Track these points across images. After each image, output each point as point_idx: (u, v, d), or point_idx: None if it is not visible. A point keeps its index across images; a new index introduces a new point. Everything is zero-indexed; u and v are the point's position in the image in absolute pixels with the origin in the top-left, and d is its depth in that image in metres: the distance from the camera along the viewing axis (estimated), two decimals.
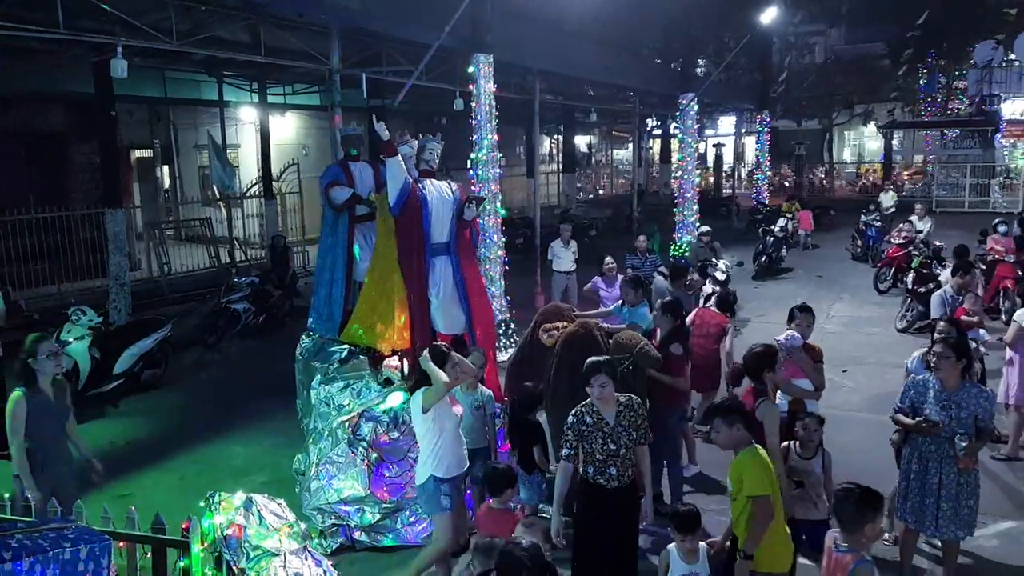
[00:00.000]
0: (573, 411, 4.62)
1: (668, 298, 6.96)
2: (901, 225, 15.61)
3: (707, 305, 8.39)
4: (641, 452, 4.65)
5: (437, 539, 5.09)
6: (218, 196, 19.44)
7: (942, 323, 5.86)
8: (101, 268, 13.47)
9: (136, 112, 18.26)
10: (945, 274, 10.35)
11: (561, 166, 30.68)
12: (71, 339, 8.61)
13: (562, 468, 4.62)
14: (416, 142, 6.52)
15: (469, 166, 11.09)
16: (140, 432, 8.38)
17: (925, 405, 4.97)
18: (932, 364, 4.97)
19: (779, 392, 5.90)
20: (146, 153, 19.85)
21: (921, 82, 32.74)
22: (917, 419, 4.94)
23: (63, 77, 14.53)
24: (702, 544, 4.41)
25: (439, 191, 6.33)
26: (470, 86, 11.17)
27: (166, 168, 21.03)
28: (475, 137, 11.19)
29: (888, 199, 20.40)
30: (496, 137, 11.39)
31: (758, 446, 4.36)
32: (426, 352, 5.06)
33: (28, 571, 2.33)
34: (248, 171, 21.30)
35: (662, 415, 6.15)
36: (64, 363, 8.36)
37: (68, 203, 14.15)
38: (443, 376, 4.85)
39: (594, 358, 4.67)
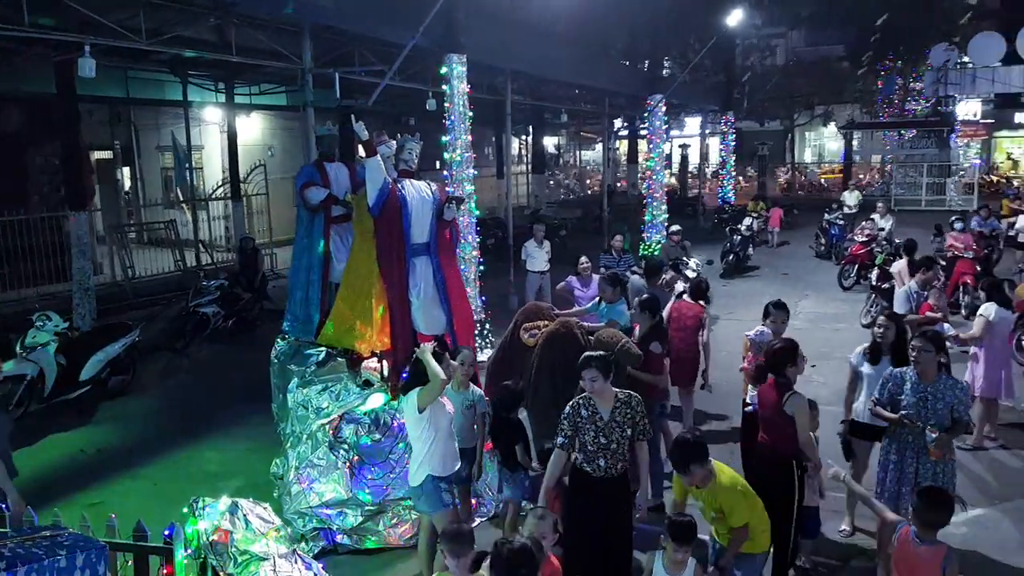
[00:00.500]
0: (571, 402, 4.64)
1: (646, 296, 6.98)
2: (864, 223, 15.96)
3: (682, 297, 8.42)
4: (640, 448, 4.69)
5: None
6: (182, 198, 19.09)
7: (881, 318, 5.91)
8: (63, 273, 13.12)
9: (96, 113, 17.82)
10: (897, 265, 10.57)
11: (530, 167, 30.71)
12: (36, 345, 8.37)
13: (556, 455, 4.64)
14: (395, 142, 6.46)
15: (438, 166, 11.05)
16: (110, 439, 8.18)
17: (902, 397, 5.09)
18: (912, 358, 5.07)
19: (750, 387, 6.00)
20: (106, 155, 19.41)
21: (879, 84, 33.40)
22: (901, 413, 5.05)
23: (21, 77, 14.14)
24: (692, 559, 4.14)
25: (419, 191, 6.29)
26: (443, 86, 11.14)
27: (127, 170, 20.59)
28: (449, 138, 11.15)
29: (852, 198, 20.77)
30: (469, 138, 11.38)
31: (722, 468, 4.42)
32: (425, 345, 5.03)
33: None
34: (212, 173, 20.96)
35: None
36: (30, 369, 8.22)
37: (27, 206, 13.77)
38: (442, 372, 4.82)
39: (589, 352, 4.70)
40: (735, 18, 21.40)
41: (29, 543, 2.44)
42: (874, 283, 12.43)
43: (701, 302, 7.80)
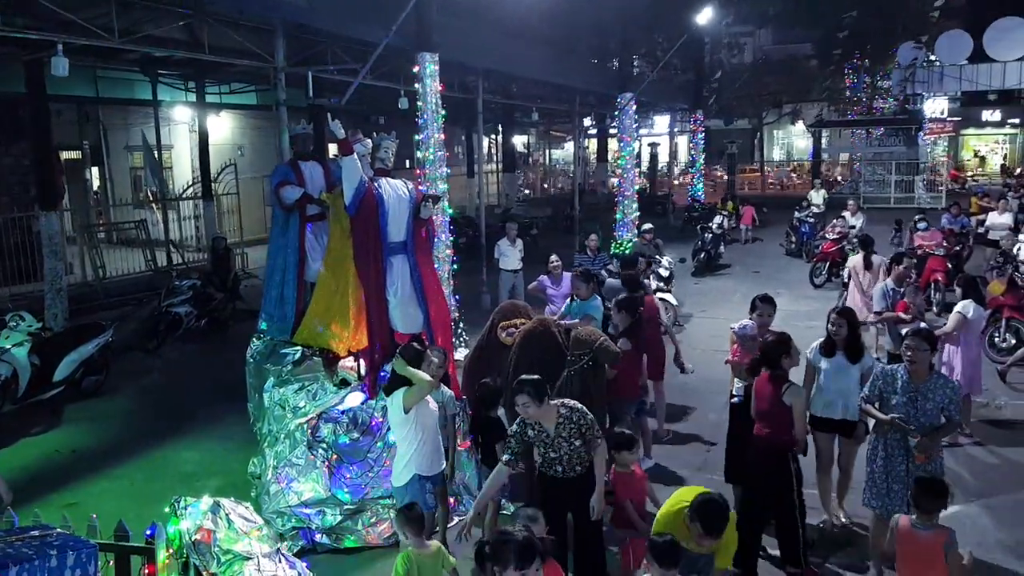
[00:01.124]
0: (516, 421, 4.68)
1: (623, 295, 7.06)
2: (835, 221, 16.13)
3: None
4: (596, 449, 4.66)
5: None
6: (152, 198, 18.89)
7: (834, 315, 5.96)
8: (33, 273, 12.98)
9: (65, 112, 17.59)
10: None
11: (500, 165, 30.77)
12: (9, 345, 8.29)
13: (498, 470, 4.71)
14: (370, 141, 6.50)
15: (408, 165, 11.08)
16: (85, 440, 8.12)
17: (893, 396, 5.07)
18: (907, 357, 5.02)
19: (735, 379, 6.13)
20: (75, 155, 19.16)
21: (847, 82, 33.79)
22: (892, 416, 5.00)
23: None
24: None
25: (395, 190, 6.33)
26: (416, 85, 11.16)
27: (96, 170, 20.33)
28: (422, 136, 11.18)
29: (818, 197, 20.93)
30: (442, 136, 11.41)
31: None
32: (399, 355, 5.06)
33: None
34: (182, 172, 20.76)
35: (617, 408, 6.30)
36: (3, 370, 8.14)
37: None
38: (427, 377, 4.88)
39: (522, 376, 4.67)
40: (704, 16, 21.61)
41: (18, 543, 2.47)
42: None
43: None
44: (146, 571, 3.91)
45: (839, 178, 35.64)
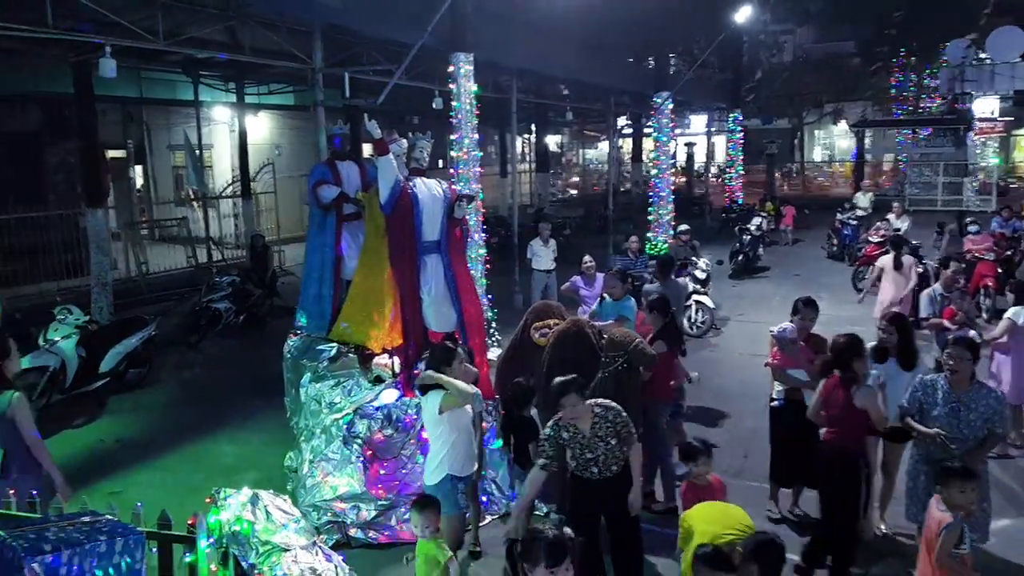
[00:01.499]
0: (549, 424, 4.69)
1: (655, 296, 7.02)
2: (878, 224, 15.73)
3: None
4: (633, 449, 4.70)
5: (447, 538, 5.04)
6: (193, 196, 19.28)
7: (882, 321, 5.84)
8: (79, 268, 13.35)
9: (110, 112, 18.03)
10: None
11: (534, 165, 30.77)
12: (58, 338, 8.56)
13: (535, 474, 4.68)
14: (406, 141, 6.56)
15: (441, 165, 11.16)
16: (128, 431, 8.35)
17: (934, 407, 4.92)
18: (948, 366, 4.89)
19: (776, 382, 6.08)
20: (119, 153, 19.63)
21: (892, 81, 33.06)
22: (935, 430, 4.86)
23: (38, 77, 14.38)
24: None
25: (430, 189, 6.38)
26: (450, 85, 11.25)
27: (139, 168, 20.81)
28: (456, 136, 11.27)
29: (864, 199, 20.42)
30: (476, 136, 11.49)
31: None
32: (431, 356, 5.09)
33: (67, 564, 2.37)
34: (222, 171, 21.16)
35: (652, 411, 6.24)
36: (52, 361, 8.41)
37: (43, 203, 14.00)
38: (469, 389, 4.93)
39: (560, 378, 4.66)
40: (743, 15, 21.38)
41: (70, 528, 2.58)
42: (874, 282, 12.37)
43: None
44: (187, 559, 4.02)
45: (876, 183, 34.83)
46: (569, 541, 3.47)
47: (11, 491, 4.14)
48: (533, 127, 30.32)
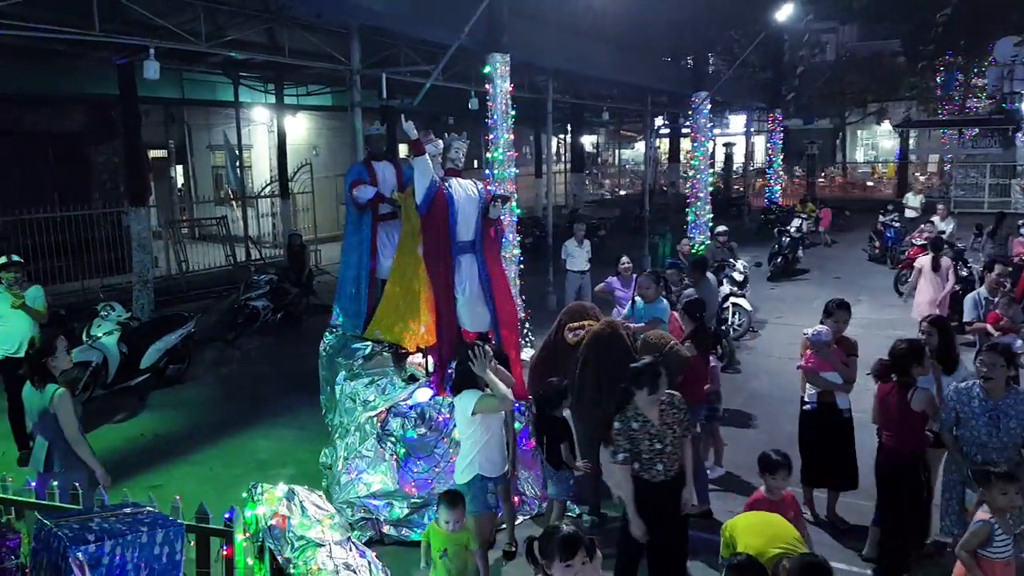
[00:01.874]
0: (617, 417, 4.67)
1: (688, 299, 6.97)
2: (923, 226, 15.44)
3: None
4: (684, 444, 4.76)
5: (477, 537, 5.02)
6: (232, 195, 19.59)
7: (924, 324, 5.74)
8: (119, 265, 13.65)
9: (152, 113, 18.42)
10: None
11: (569, 166, 30.66)
12: (100, 334, 8.76)
13: (621, 472, 4.67)
14: (441, 141, 6.58)
15: (476, 165, 11.18)
16: (167, 425, 8.51)
17: (971, 418, 4.85)
18: (983, 373, 4.84)
19: (808, 385, 6.00)
20: (161, 153, 20.03)
21: (938, 80, 32.35)
22: (979, 461, 4.73)
23: (84, 79, 14.73)
24: None
25: (465, 190, 6.40)
26: (486, 85, 11.27)
27: (180, 168, 21.20)
28: (491, 136, 11.30)
29: (915, 200, 19.99)
30: (511, 136, 11.49)
31: None
32: (469, 355, 5.10)
33: (110, 553, 2.43)
34: (261, 171, 21.47)
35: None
36: (95, 357, 8.60)
37: (88, 202, 14.34)
38: (508, 392, 4.93)
39: (635, 365, 4.73)
40: (784, 13, 21.06)
41: (112, 519, 2.63)
42: (914, 285, 12.10)
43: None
44: (224, 553, 4.08)
45: (923, 180, 34.07)
46: (586, 537, 3.48)
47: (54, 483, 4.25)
48: (568, 127, 30.22)
